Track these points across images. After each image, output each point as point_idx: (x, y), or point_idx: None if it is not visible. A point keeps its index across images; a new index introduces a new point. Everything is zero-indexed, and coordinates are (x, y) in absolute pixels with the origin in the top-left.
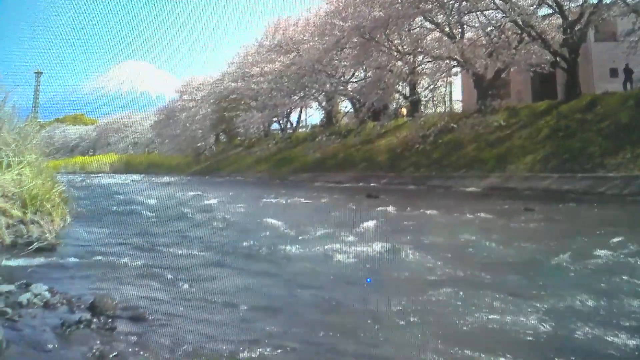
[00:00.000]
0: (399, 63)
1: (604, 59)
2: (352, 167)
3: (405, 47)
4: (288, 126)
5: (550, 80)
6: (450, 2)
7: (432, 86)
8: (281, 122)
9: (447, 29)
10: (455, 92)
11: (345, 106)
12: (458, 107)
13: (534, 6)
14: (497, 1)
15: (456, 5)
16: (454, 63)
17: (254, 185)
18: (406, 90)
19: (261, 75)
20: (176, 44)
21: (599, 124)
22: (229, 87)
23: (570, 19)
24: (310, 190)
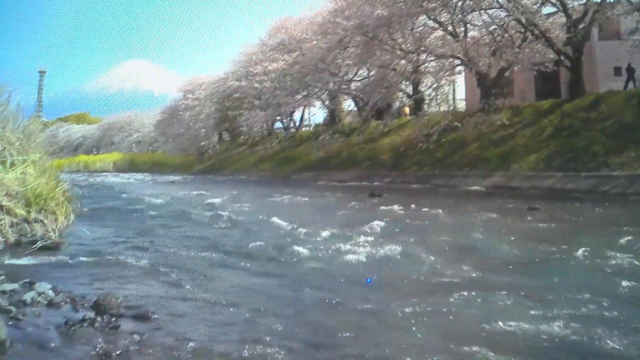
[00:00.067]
0: (403, 62)
1: (608, 58)
2: (355, 165)
3: (408, 45)
4: (291, 125)
5: (553, 79)
6: (454, 1)
7: (435, 85)
8: (284, 121)
9: (450, 28)
10: (458, 91)
11: (348, 105)
12: (461, 105)
13: (538, 5)
14: (500, 0)
15: (459, 3)
16: (458, 62)
17: (257, 184)
18: (409, 89)
19: (264, 74)
20: (179, 43)
21: (602, 123)
22: (232, 86)
23: (574, 17)
24: (313, 189)
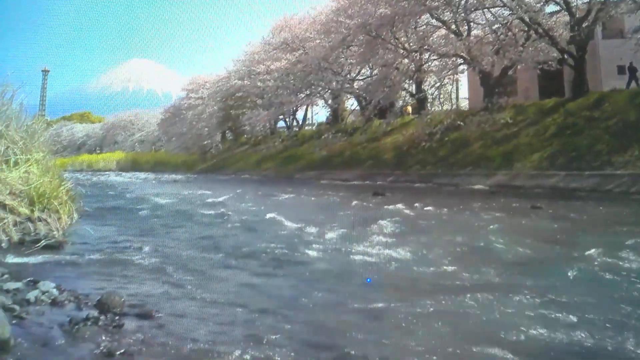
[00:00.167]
0: (405, 61)
1: (612, 56)
2: (358, 164)
3: (411, 44)
4: (294, 124)
5: (557, 77)
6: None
7: (438, 84)
8: (287, 120)
9: (453, 27)
10: (461, 90)
11: (351, 104)
12: (464, 104)
13: (541, 3)
14: None
15: (462, 2)
16: (461, 61)
17: (260, 183)
18: (412, 88)
19: (267, 73)
20: (182, 42)
21: (606, 122)
22: (235, 85)
23: (577, 16)
24: (316, 188)
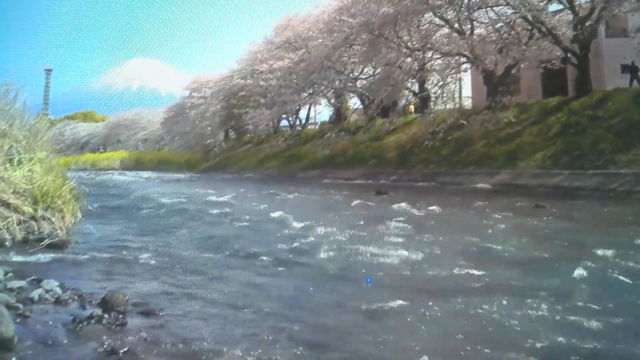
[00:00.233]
0: (408, 59)
1: (615, 55)
2: (361, 163)
3: (414, 43)
4: (297, 123)
5: (561, 76)
6: None
7: (441, 83)
8: (290, 119)
9: (456, 25)
10: (464, 89)
11: (354, 103)
12: (468, 103)
13: (544, 2)
14: None
15: (466, 1)
16: (464, 59)
17: (263, 182)
18: (415, 87)
19: (270, 72)
20: (185, 41)
21: (609, 121)
22: (238, 84)
23: (580, 14)
24: (320, 187)
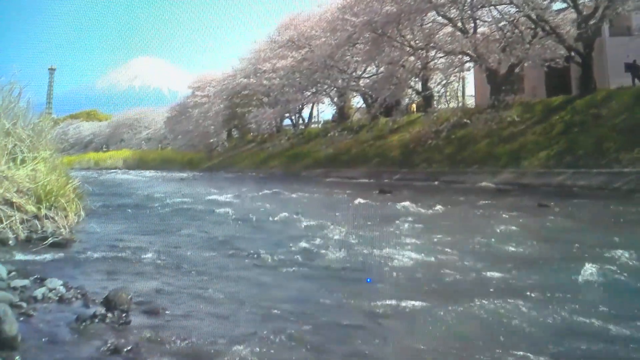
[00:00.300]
0: (412, 58)
1: (619, 54)
2: (364, 162)
3: (417, 42)
4: (300, 122)
5: (564, 75)
6: None
7: (444, 81)
8: (293, 118)
9: (459, 24)
10: (468, 88)
11: (357, 102)
12: (471, 102)
13: (548, 0)
14: None
15: None
16: (467, 58)
17: (266, 181)
18: (418, 86)
19: (273, 71)
20: (189, 39)
21: (613, 119)
22: (241, 83)
23: (584, 13)
24: (323, 186)
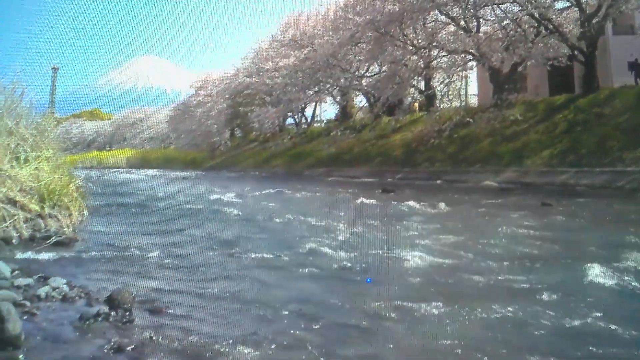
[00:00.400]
0: (414, 57)
1: (622, 52)
2: (367, 161)
3: (420, 41)
4: (303, 121)
5: (567, 74)
6: None
7: (447, 80)
8: (296, 117)
9: (462, 23)
10: (471, 87)
11: (360, 101)
12: (474, 101)
13: None
14: None
15: None
16: (470, 57)
17: (269, 180)
18: (421, 85)
19: (276, 70)
20: (191, 39)
21: (616, 118)
22: (244, 82)
23: (587, 11)
24: (326, 185)
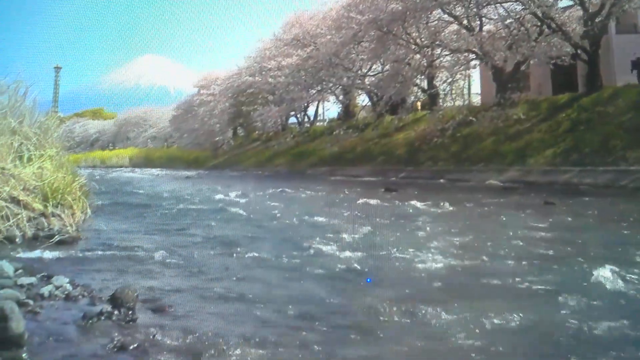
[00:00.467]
0: (417, 56)
1: (626, 51)
2: (370, 160)
3: (423, 40)
4: (305, 120)
5: (570, 72)
6: None
7: (450, 79)
8: (298, 116)
9: (465, 22)
10: (473, 85)
11: (362, 100)
12: (477, 100)
13: None
14: None
15: None
16: (473, 56)
17: (272, 179)
18: (424, 84)
19: (278, 69)
20: (194, 38)
21: (620, 117)
22: (247, 81)
23: (590, 10)
24: (329, 184)
